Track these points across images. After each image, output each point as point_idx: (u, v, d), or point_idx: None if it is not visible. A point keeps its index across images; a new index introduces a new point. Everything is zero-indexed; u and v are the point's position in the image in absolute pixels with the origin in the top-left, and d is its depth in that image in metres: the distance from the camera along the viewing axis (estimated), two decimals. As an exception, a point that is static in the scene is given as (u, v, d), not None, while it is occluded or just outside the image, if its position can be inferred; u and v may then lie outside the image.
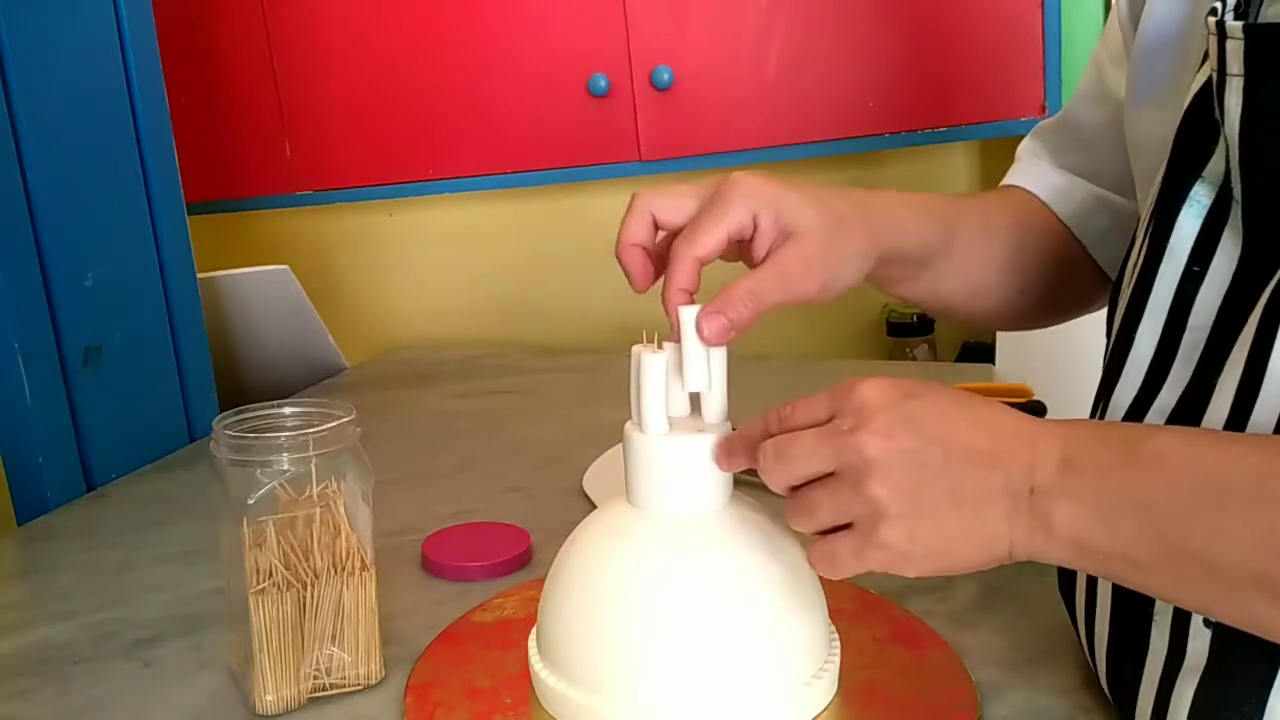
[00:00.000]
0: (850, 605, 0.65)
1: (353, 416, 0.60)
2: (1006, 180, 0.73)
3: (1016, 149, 0.75)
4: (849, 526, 0.46)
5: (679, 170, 1.45)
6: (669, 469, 0.53)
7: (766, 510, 0.55)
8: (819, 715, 0.54)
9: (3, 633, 0.72)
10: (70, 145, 0.98)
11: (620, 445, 0.55)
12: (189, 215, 1.13)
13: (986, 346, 1.45)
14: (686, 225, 0.54)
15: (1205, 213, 0.48)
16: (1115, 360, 0.51)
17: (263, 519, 0.58)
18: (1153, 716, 0.48)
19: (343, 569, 0.59)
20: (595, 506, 0.76)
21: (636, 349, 0.54)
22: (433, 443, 1.08)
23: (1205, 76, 0.48)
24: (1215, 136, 0.47)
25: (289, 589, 0.58)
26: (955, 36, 1.35)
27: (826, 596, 0.56)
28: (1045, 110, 1.33)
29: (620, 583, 0.53)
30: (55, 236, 0.96)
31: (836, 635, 0.57)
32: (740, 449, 0.51)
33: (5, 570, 0.84)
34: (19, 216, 0.93)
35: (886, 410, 0.45)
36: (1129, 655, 0.49)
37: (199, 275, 1.14)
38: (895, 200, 0.62)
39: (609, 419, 0.62)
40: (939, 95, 1.37)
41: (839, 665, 0.56)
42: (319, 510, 0.59)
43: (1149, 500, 0.41)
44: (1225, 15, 0.46)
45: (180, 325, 1.11)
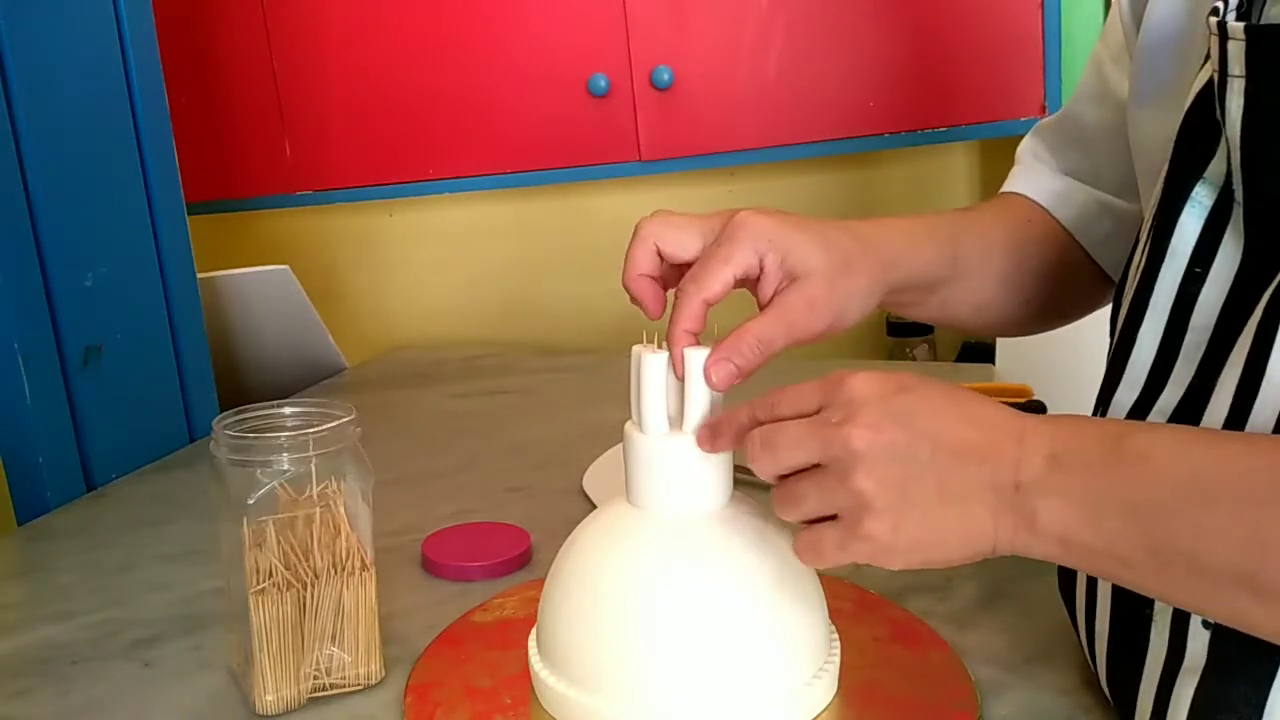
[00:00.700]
0: (850, 605, 0.65)
1: (353, 416, 0.60)
2: (1007, 186, 0.73)
3: (1016, 149, 0.76)
4: (834, 517, 0.46)
5: (679, 170, 1.45)
6: (669, 469, 0.53)
7: (766, 510, 0.55)
8: (819, 715, 0.54)
9: (3, 633, 0.72)
10: (70, 145, 0.98)
11: (620, 445, 0.55)
12: (189, 215, 1.13)
13: (986, 346, 1.45)
14: (694, 264, 0.55)
15: (1207, 214, 0.48)
16: (1118, 361, 0.51)
17: (263, 519, 0.58)
18: (1152, 716, 0.47)
19: (343, 569, 0.59)
20: (595, 506, 0.76)
21: (636, 349, 0.54)
22: (433, 443, 1.08)
23: (1207, 77, 0.48)
24: (1217, 137, 0.47)
25: (289, 589, 0.58)
26: (955, 36, 1.35)
27: (826, 596, 0.56)
28: (1045, 110, 1.33)
29: (620, 583, 0.53)
30: (55, 236, 0.96)
31: (836, 635, 0.57)
32: (726, 432, 0.51)
33: (5, 570, 0.84)
34: (19, 216, 0.93)
35: (875, 404, 0.45)
36: (1128, 655, 0.49)
37: (199, 275, 1.14)
38: (898, 229, 0.62)
39: (609, 419, 0.63)
40: (939, 95, 1.37)
41: (839, 665, 0.56)
42: (319, 510, 0.59)
43: (1135, 498, 0.41)
44: (1227, 16, 0.46)
45: (180, 325, 1.11)
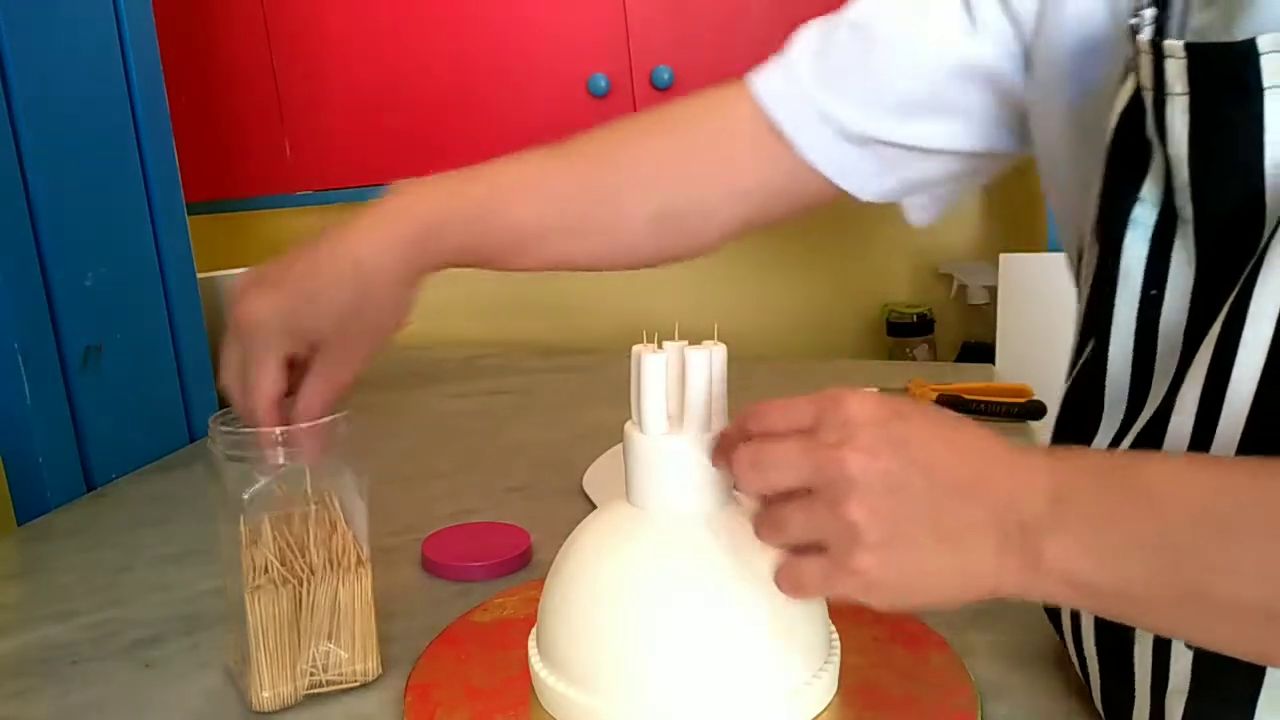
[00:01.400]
0: (850, 605, 0.65)
1: (347, 413, 0.60)
2: (783, 126, 0.68)
3: (791, 49, 0.70)
4: (819, 546, 0.43)
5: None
6: (669, 469, 0.53)
7: (766, 510, 0.55)
8: (819, 715, 0.54)
9: (3, 633, 0.72)
10: (70, 145, 0.98)
11: (620, 445, 0.55)
12: (189, 215, 1.13)
13: (987, 346, 1.45)
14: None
15: (1151, 234, 0.46)
16: (1092, 387, 0.49)
17: (259, 515, 0.58)
18: None
19: (339, 565, 0.59)
20: (595, 506, 0.76)
21: (636, 349, 0.54)
22: (433, 443, 1.07)
23: (1130, 93, 0.46)
24: (1147, 156, 0.46)
25: (285, 585, 0.58)
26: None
27: (826, 596, 0.56)
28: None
29: (620, 583, 0.53)
30: (55, 236, 0.96)
31: (836, 635, 0.57)
32: (719, 451, 0.50)
33: (5, 570, 0.84)
34: (19, 216, 0.93)
35: (873, 427, 0.42)
36: (1118, 679, 0.49)
37: (199, 275, 1.14)
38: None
39: (609, 419, 0.62)
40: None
41: (839, 665, 0.56)
42: (314, 506, 0.59)
43: (1146, 536, 0.39)
44: (1145, 29, 0.45)
45: (180, 325, 1.11)
